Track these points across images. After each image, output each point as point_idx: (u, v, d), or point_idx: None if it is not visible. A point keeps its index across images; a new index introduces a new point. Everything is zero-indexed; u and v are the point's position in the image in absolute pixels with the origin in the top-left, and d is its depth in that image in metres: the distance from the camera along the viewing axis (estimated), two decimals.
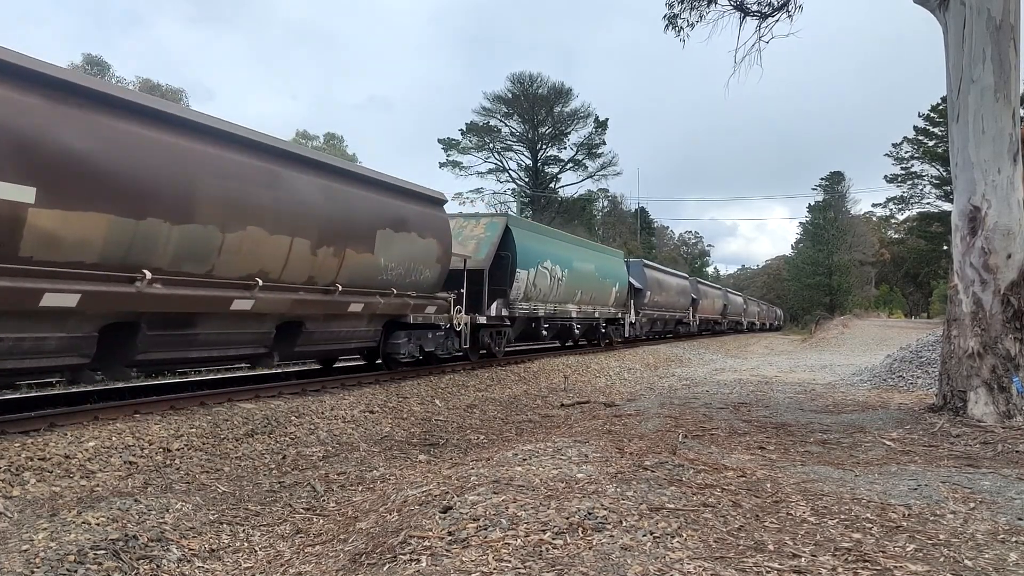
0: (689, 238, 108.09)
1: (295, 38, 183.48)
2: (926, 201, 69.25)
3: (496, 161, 67.67)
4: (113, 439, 7.21)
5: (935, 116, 61.07)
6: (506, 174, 68.10)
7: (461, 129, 65.88)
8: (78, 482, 6.32)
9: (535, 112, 65.80)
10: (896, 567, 3.56)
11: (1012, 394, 8.39)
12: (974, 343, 8.70)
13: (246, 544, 5.27)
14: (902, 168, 69.41)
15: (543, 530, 4.05)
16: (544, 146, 68.12)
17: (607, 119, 66.62)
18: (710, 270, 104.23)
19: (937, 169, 63.71)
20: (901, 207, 74.02)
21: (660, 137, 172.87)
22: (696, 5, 13.98)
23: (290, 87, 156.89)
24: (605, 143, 67.38)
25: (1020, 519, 4.53)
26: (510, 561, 3.64)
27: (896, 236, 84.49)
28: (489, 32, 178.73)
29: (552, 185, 68.36)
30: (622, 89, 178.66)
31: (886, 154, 71.21)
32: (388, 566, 3.81)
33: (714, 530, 4.13)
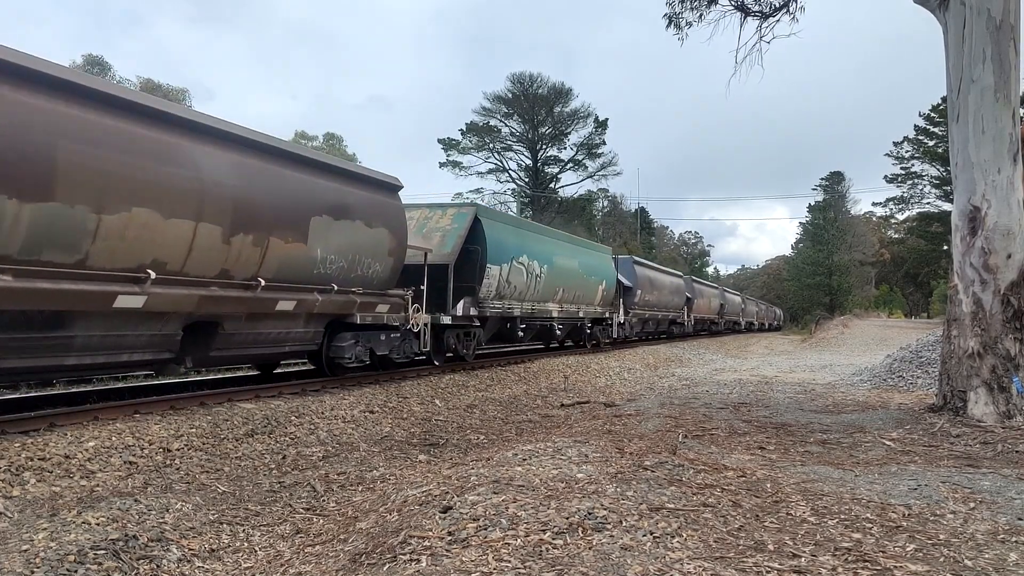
0: (689, 238, 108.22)
1: (295, 38, 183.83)
2: (926, 201, 69.27)
3: (496, 161, 67.74)
4: (113, 439, 7.21)
5: (935, 116, 61.03)
6: (506, 174, 68.19)
7: (461, 129, 65.98)
8: (78, 482, 6.33)
9: (535, 112, 65.82)
10: (896, 567, 3.56)
11: (1012, 394, 8.40)
12: (974, 343, 8.70)
13: (246, 544, 5.27)
14: (902, 168, 69.42)
15: (543, 530, 4.05)
16: (544, 146, 68.15)
17: (607, 119, 66.75)
18: (710, 270, 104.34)
19: (937, 169, 63.68)
20: (901, 207, 74.06)
21: (660, 137, 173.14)
22: (696, 5, 13.99)
23: (290, 87, 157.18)
24: (605, 143, 67.51)
25: (1020, 519, 4.53)
26: (510, 561, 3.64)
27: (896, 236, 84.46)
28: (489, 32, 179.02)
29: (552, 185, 68.40)
30: (622, 89, 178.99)
31: (886, 154, 71.27)
32: (388, 566, 3.81)
33: (714, 530, 4.13)
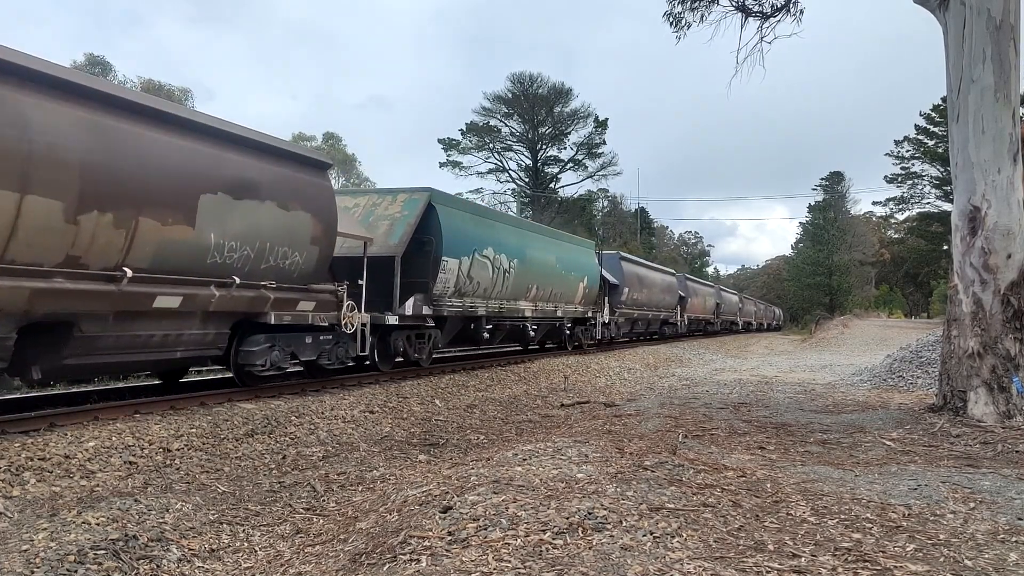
0: (689, 238, 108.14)
1: (295, 38, 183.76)
2: (926, 201, 69.28)
3: (496, 161, 67.74)
4: (113, 439, 7.21)
5: (935, 116, 61.02)
6: (506, 174, 68.18)
7: (461, 129, 65.96)
8: (78, 482, 6.33)
9: (535, 112, 65.81)
10: (896, 567, 3.56)
11: (1012, 394, 8.40)
12: (974, 343, 8.70)
13: (246, 544, 5.27)
14: (902, 168, 69.42)
15: (543, 530, 4.05)
16: (544, 146, 68.14)
17: (607, 119, 66.73)
18: (710, 270, 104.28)
19: (937, 169, 63.67)
20: (901, 207, 74.06)
21: (660, 137, 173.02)
22: (697, 6, 13.99)
23: (290, 87, 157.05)
24: (605, 143, 67.49)
25: (1020, 519, 4.53)
26: (510, 561, 3.64)
27: (896, 236, 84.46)
28: (489, 32, 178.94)
29: (552, 185, 68.38)
30: (622, 89, 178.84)
31: (886, 154, 71.28)
32: (388, 566, 3.81)
33: (714, 530, 4.13)
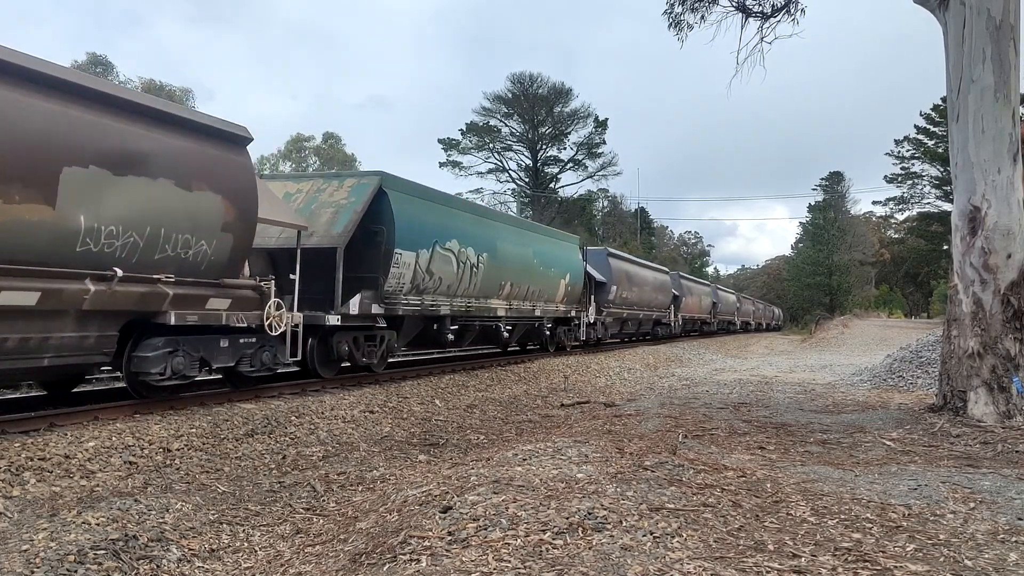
0: (689, 238, 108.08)
1: (295, 38, 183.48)
2: (926, 201, 69.25)
3: (496, 161, 67.72)
4: (113, 439, 7.21)
5: (935, 116, 61.01)
6: (506, 174, 68.16)
7: (461, 129, 65.94)
8: (78, 482, 6.33)
9: (535, 112, 65.80)
10: (896, 567, 3.56)
11: (1012, 394, 8.40)
12: (974, 343, 8.70)
13: (246, 544, 5.28)
14: (902, 168, 69.38)
15: (543, 530, 4.05)
16: (544, 146, 68.13)
17: (607, 119, 66.70)
18: (710, 270, 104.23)
19: (937, 169, 63.65)
20: (901, 207, 74.04)
21: (660, 137, 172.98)
22: (697, 7, 14.00)
23: (290, 87, 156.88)
24: (605, 143, 67.45)
25: (1020, 519, 4.53)
26: (510, 561, 3.64)
27: (896, 236, 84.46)
28: (489, 32, 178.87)
29: (552, 185, 68.38)
30: (622, 89, 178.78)
31: (886, 154, 71.27)
32: (388, 566, 3.81)
33: (714, 530, 4.13)
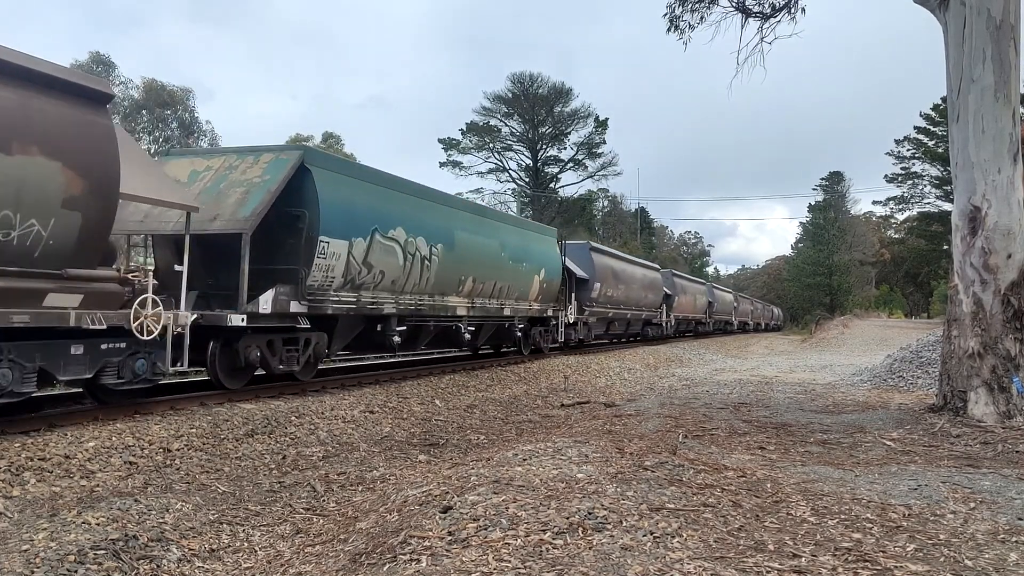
0: (689, 238, 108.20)
1: (295, 38, 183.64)
2: (926, 201, 69.24)
3: (496, 161, 67.71)
4: (113, 439, 7.21)
5: (935, 116, 60.99)
6: (506, 174, 68.16)
7: (461, 129, 65.94)
8: (78, 482, 6.33)
9: (535, 112, 65.79)
10: (896, 567, 3.56)
11: (1012, 394, 8.40)
12: (974, 343, 8.70)
13: (246, 544, 5.27)
14: (902, 168, 69.38)
15: (543, 530, 4.04)
16: (544, 146, 68.13)
17: (607, 119, 66.68)
18: (710, 270, 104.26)
19: (937, 169, 63.62)
20: (901, 207, 74.04)
21: (660, 137, 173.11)
22: (697, 7, 13.99)
23: (290, 87, 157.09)
24: (605, 143, 67.45)
25: (1020, 519, 4.53)
26: (510, 561, 3.64)
27: (896, 236, 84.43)
28: (489, 32, 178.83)
29: (552, 185, 68.36)
30: (622, 89, 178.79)
31: (886, 153, 71.23)
32: (388, 566, 3.81)
33: (714, 530, 4.13)
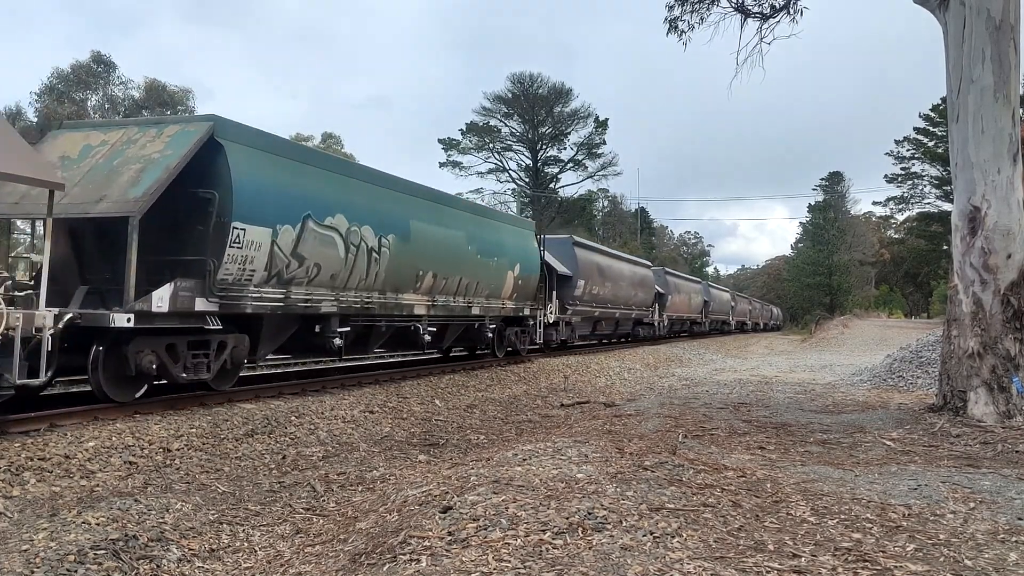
0: (689, 238, 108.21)
1: (295, 37, 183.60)
2: (926, 201, 69.26)
3: (496, 161, 67.74)
4: (113, 439, 7.21)
5: (935, 116, 60.99)
6: (506, 174, 68.21)
7: (461, 129, 66.00)
8: (78, 482, 6.33)
9: (535, 112, 65.82)
10: (896, 567, 3.56)
11: (1012, 394, 8.39)
12: (974, 343, 8.70)
13: (246, 544, 5.27)
14: (902, 168, 69.38)
15: (543, 530, 4.04)
16: (544, 146, 68.15)
17: (607, 119, 66.74)
18: (710, 270, 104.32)
19: (937, 169, 63.63)
20: (901, 207, 74.06)
21: (660, 137, 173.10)
22: (697, 8, 13.98)
23: (290, 86, 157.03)
24: (605, 143, 67.50)
25: (1020, 519, 4.53)
26: (510, 561, 3.64)
27: (896, 236, 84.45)
28: (489, 32, 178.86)
29: (552, 185, 68.39)
30: (622, 89, 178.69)
31: (886, 154, 71.24)
32: (388, 566, 3.81)
33: (714, 530, 4.13)
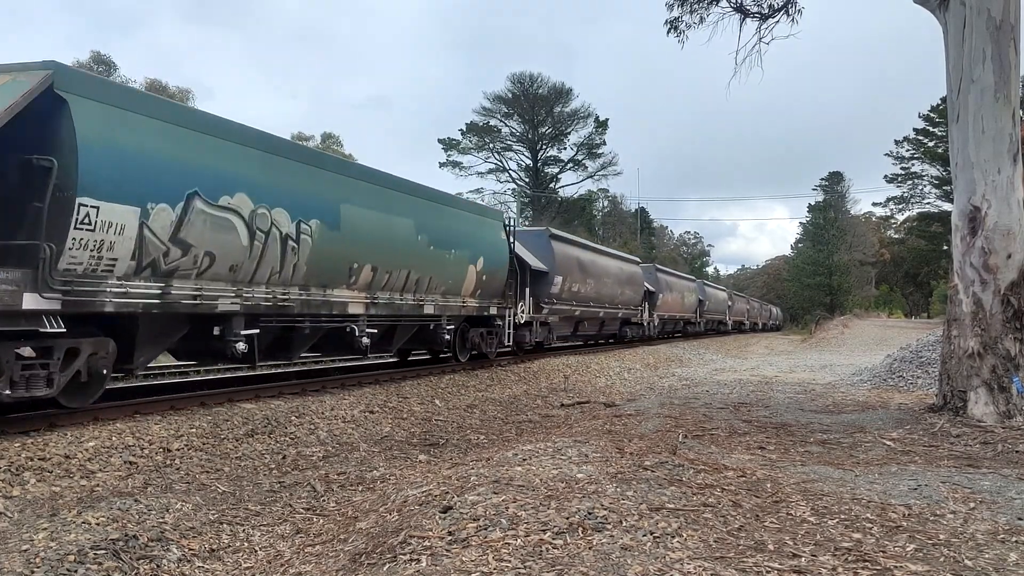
0: (689, 238, 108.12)
1: (295, 37, 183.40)
2: (926, 201, 69.28)
3: (496, 161, 67.80)
4: (113, 439, 7.21)
5: (935, 116, 60.99)
6: (506, 174, 68.27)
7: (461, 129, 66.06)
8: (78, 482, 6.33)
9: (535, 112, 65.86)
10: (896, 567, 3.56)
11: (1012, 394, 8.39)
12: (974, 343, 8.70)
13: (246, 544, 5.27)
14: (902, 168, 69.41)
15: (543, 530, 4.04)
16: (544, 146, 68.20)
17: (607, 119, 66.84)
18: (710, 270, 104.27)
19: (937, 169, 63.65)
20: (901, 207, 74.08)
21: (660, 137, 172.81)
22: (696, 8, 13.98)
23: (290, 86, 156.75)
24: (605, 143, 67.63)
25: (1020, 519, 4.53)
26: (510, 561, 3.64)
27: (896, 236, 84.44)
28: (489, 32, 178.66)
29: (552, 185, 68.44)
30: (622, 89, 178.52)
31: (886, 154, 71.22)
32: (388, 566, 3.81)
33: (714, 530, 4.13)
